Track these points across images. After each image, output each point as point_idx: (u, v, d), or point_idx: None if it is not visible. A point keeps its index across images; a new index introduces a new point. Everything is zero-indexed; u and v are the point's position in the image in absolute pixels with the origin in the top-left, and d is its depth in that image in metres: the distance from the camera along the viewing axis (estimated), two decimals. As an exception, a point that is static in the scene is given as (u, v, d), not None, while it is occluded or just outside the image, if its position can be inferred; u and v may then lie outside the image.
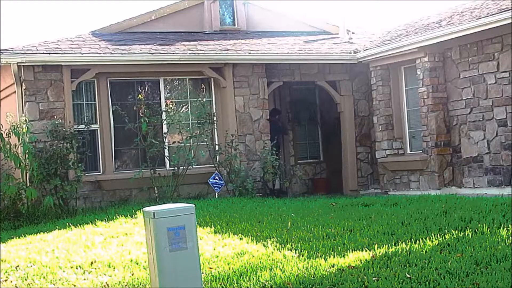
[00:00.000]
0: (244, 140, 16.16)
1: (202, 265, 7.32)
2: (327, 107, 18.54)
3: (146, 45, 16.05)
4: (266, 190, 16.20)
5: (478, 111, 14.30)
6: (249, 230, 9.77)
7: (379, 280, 6.67)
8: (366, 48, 17.12)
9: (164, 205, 6.67)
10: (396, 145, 16.58)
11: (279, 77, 16.97)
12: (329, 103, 18.17)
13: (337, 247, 8.23)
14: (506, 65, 13.66)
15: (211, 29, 18.31)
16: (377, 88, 16.80)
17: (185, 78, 16.17)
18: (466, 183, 14.63)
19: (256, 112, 16.36)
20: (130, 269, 7.93)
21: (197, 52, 15.96)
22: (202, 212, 11.50)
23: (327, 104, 18.38)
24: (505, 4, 13.83)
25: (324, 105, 18.86)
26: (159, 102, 15.68)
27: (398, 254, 7.55)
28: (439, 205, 10.25)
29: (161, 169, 15.22)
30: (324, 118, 19.12)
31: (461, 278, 6.48)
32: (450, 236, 8.17)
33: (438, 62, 15.17)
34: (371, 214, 10.29)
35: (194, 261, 6.18)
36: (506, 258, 6.92)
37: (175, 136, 15.69)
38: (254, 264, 7.68)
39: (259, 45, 17.21)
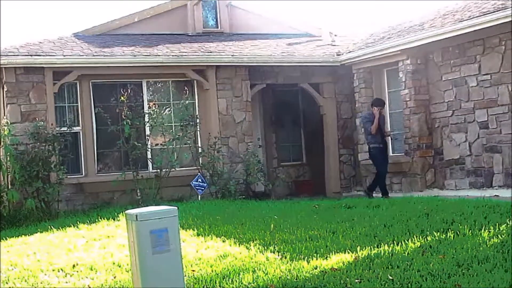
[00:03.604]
0: (227, 143, 16.16)
1: (185, 267, 7.30)
2: (310, 109, 18.56)
3: (129, 47, 16.01)
4: (249, 193, 16.19)
5: (460, 113, 14.38)
6: (232, 233, 9.76)
7: (362, 282, 6.68)
8: (349, 51, 17.17)
9: (147, 208, 6.65)
10: (378, 147, 16.60)
11: (262, 79, 16.98)
12: (312, 106, 18.20)
13: (320, 249, 8.23)
14: (487, 68, 13.75)
15: (194, 31, 18.29)
16: (360, 91, 16.86)
17: (168, 80, 16.14)
18: (448, 185, 14.70)
19: (239, 114, 16.35)
20: (113, 272, 7.90)
21: (180, 54, 15.94)
22: (185, 214, 11.47)
23: (310, 106, 18.40)
24: (486, 7, 13.92)
25: (307, 108, 18.89)
26: (142, 104, 15.63)
27: (380, 256, 7.57)
28: (421, 207, 10.28)
29: (144, 171, 15.18)
30: (307, 121, 19.14)
31: (443, 280, 6.50)
32: (432, 238, 8.20)
33: (421, 65, 15.24)
34: (354, 216, 10.31)
35: (177, 264, 6.17)
36: (488, 259, 6.96)
37: (158, 138, 15.66)
38: (237, 267, 7.67)
39: (242, 48, 17.22)
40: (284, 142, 19.15)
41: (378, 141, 14.11)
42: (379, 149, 14.14)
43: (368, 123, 14.19)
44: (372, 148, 14.23)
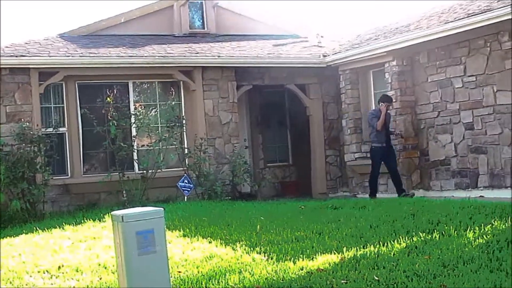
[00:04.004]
0: (214, 144, 16.15)
1: (171, 268, 7.29)
2: (297, 110, 18.58)
3: (115, 48, 15.97)
4: (235, 193, 16.20)
5: (446, 114, 14.44)
6: (218, 234, 9.75)
7: (348, 282, 6.69)
8: (335, 52, 17.21)
9: (133, 209, 6.63)
10: (364, 148, 16.66)
11: (248, 80, 16.99)
12: (298, 107, 18.22)
13: (306, 250, 8.24)
14: (473, 69, 13.82)
15: (181, 32, 18.27)
16: (346, 92, 16.89)
17: (154, 81, 16.12)
18: (433, 186, 14.76)
19: (225, 115, 16.35)
20: (98, 273, 7.88)
21: (166, 55, 15.92)
22: (171, 215, 11.45)
23: (297, 107, 18.43)
24: (472, 9, 13.99)
25: (294, 109, 18.91)
26: (128, 105, 15.60)
27: (366, 256, 7.59)
28: (407, 208, 10.32)
29: (130, 172, 15.15)
30: (293, 122, 19.16)
31: (429, 280, 6.52)
32: (418, 238, 8.23)
33: (406, 66, 15.29)
34: (340, 217, 10.33)
35: (163, 265, 6.16)
36: (473, 260, 6.99)
37: (144, 139, 15.63)
38: (223, 268, 7.67)
39: (229, 49, 17.22)
40: (271, 143, 19.16)
41: (381, 140, 14.04)
42: (380, 149, 14.08)
43: (374, 119, 14.11)
44: (374, 147, 14.23)
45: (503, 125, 13.20)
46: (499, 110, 13.31)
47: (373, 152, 14.28)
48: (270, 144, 19.14)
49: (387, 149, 14.16)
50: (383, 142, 14.07)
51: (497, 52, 13.28)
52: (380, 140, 14.05)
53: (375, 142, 14.14)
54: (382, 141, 14.06)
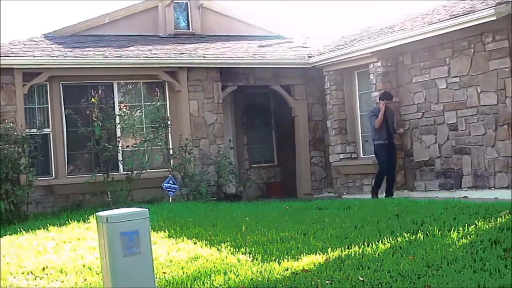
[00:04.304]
0: (199, 144, 16.14)
1: (156, 269, 7.28)
2: (282, 111, 18.61)
3: (100, 49, 15.93)
4: (220, 194, 16.19)
5: (430, 115, 14.49)
6: (203, 235, 9.75)
7: (333, 283, 6.71)
8: (320, 53, 17.24)
9: (118, 210, 6.62)
10: (349, 149, 16.73)
11: (233, 81, 16.99)
12: (283, 107, 18.24)
13: (291, 250, 8.26)
14: (457, 70, 13.88)
15: (166, 32, 18.26)
16: (331, 93, 16.93)
17: (139, 82, 16.10)
18: (418, 186, 14.81)
19: (210, 116, 16.35)
20: (83, 275, 7.85)
21: (151, 56, 15.90)
22: (156, 216, 11.44)
23: (282, 108, 18.45)
24: (456, 10, 14.06)
25: (279, 109, 18.93)
26: (113, 106, 15.57)
27: (351, 257, 7.61)
28: (392, 209, 10.36)
29: (115, 173, 15.10)
30: (279, 122, 19.18)
31: (413, 281, 6.55)
32: (403, 239, 8.26)
33: (391, 67, 15.34)
34: (325, 217, 10.35)
35: (148, 266, 6.15)
36: (457, 260, 7.03)
37: (129, 140, 15.60)
38: (208, 269, 7.67)
39: (214, 49, 17.22)
40: (256, 144, 19.17)
41: (383, 137, 13.99)
42: (382, 146, 14.03)
43: (373, 117, 14.06)
44: (376, 145, 14.16)
45: (487, 126, 13.27)
46: (483, 111, 13.38)
47: (377, 150, 14.21)
48: (255, 144, 19.15)
49: (389, 146, 14.11)
50: (385, 139, 14.01)
51: (481, 53, 13.35)
52: (381, 137, 14.00)
53: (377, 140, 14.09)
54: (384, 138, 14.00)
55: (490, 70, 13.16)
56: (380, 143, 14.05)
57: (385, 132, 14.02)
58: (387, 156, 14.07)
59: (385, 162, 14.07)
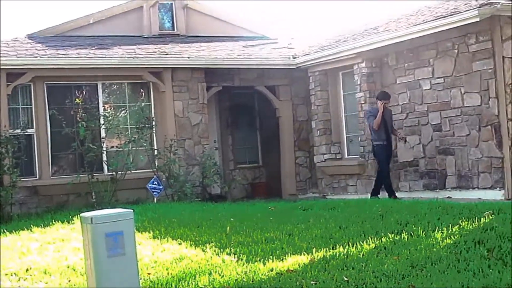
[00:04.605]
0: (183, 145, 16.12)
1: (141, 270, 7.26)
2: (266, 112, 18.62)
3: (84, 49, 15.88)
4: (205, 195, 16.18)
5: (414, 116, 14.55)
6: (188, 235, 9.74)
7: (317, 283, 6.72)
8: (304, 54, 17.26)
9: (102, 211, 6.60)
10: (334, 149, 16.77)
11: (218, 81, 16.98)
12: (268, 108, 18.26)
13: (276, 251, 8.26)
14: (440, 71, 13.94)
15: (150, 33, 18.25)
16: (316, 93, 16.96)
17: (123, 83, 16.05)
18: (402, 187, 14.86)
19: (195, 116, 16.33)
20: (67, 276, 7.82)
21: (136, 56, 15.87)
22: (141, 217, 11.41)
23: (266, 109, 18.47)
24: (440, 11, 14.12)
25: (263, 110, 18.95)
26: (97, 107, 15.53)
27: (336, 257, 7.63)
28: (376, 209, 10.39)
29: (99, 174, 15.05)
30: (263, 123, 19.20)
31: (397, 281, 6.58)
32: (387, 239, 8.28)
33: (375, 68, 15.39)
34: (310, 218, 10.37)
35: (133, 267, 6.14)
36: (441, 260, 7.06)
37: (113, 140, 15.54)
38: (193, 269, 7.66)
39: (199, 50, 17.20)
40: (241, 145, 19.17)
41: (382, 138, 13.66)
42: (382, 147, 13.68)
43: (371, 117, 13.75)
44: (375, 146, 13.81)
45: (471, 127, 13.33)
46: (467, 111, 13.45)
47: (377, 150, 13.85)
48: (240, 145, 19.15)
49: (388, 147, 13.85)
50: (384, 139, 13.68)
51: (465, 54, 13.42)
52: (380, 138, 13.65)
53: (376, 140, 13.74)
54: (383, 139, 13.67)
55: (474, 71, 13.23)
56: (380, 144, 13.72)
57: (383, 133, 13.70)
58: (387, 156, 13.78)
59: (386, 161, 13.76)
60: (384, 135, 13.73)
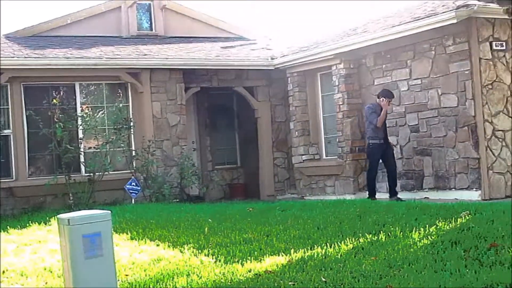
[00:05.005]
0: (161, 146, 16.08)
1: (118, 272, 7.24)
2: (245, 112, 18.63)
3: (62, 49, 15.80)
4: (183, 196, 16.15)
5: (392, 117, 14.60)
6: (166, 236, 9.71)
7: (296, 284, 6.73)
8: (283, 55, 17.28)
9: (80, 212, 6.57)
10: (312, 150, 16.80)
11: (197, 82, 16.97)
12: (246, 109, 18.26)
13: (254, 252, 8.26)
14: (418, 73, 14.02)
15: (129, 33, 18.20)
16: (294, 94, 16.98)
17: (101, 83, 15.98)
18: (380, 187, 14.88)
19: (173, 117, 16.29)
20: (44, 278, 7.77)
21: (114, 56, 15.81)
22: (119, 218, 11.37)
23: (245, 109, 18.47)
24: (417, 13, 14.20)
25: (242, 111, 18.95)
26: (75, 107, 15.44)
27: (314, 258, 7.64)
28: (354, 210, 10.42)
29: (77, 175, 14.98)
30: (242, 124, 19.20)
31: (375, 281, 6.60)
32: (365, 240, 8.31)
33: (353, 69, 15.45)
34: (288, 219, 10.38)
35: (110, 268, 6.12)
36: (418, 260, 7.09)
37: (91, 141, 15.47)
38: (171, 270, 7.64)
39: (177, 51, 17.17)
40: (219, 146, 19.16)
41: (380, 136, 13.38)
42: (378, 146, 13.38)
43: (373, 114, 13.36)
44: (372, 144, 13.47)
45: (448, 128, 13.42)
46: (444, 112, 13.54)
47: (371, 149, 13.53)
48: (218, 146, 19.14)
49: (385, 146, 13.56)
50: (381, 138, 13.42)
51: (442, 56, 13.51)
52: (378, 136, 13.39)
53: (373, 139, 13.43)
54: (381, 138, 13.40)
55: (451, 72, 13.33)
56: (376, 142, 13.39)
57: (382, 131, 13.46)
58: (380, 156, 13.49)
59: (377, 162, 13.49)
60: (382, 134, 13.48)
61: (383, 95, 13.55)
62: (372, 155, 13.62)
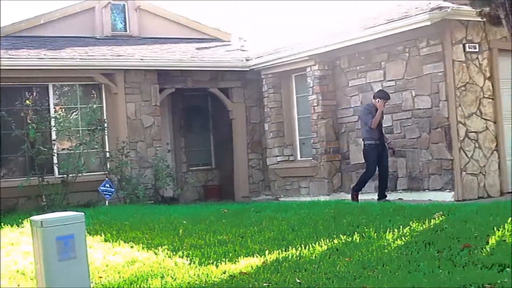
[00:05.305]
0: (136, 147, 16.01)
1: (92, 274, 7.19)
2: (220, 114, 18.62)
3: (35, 50, 15.68)
4: (157, 197, 16.09)
5: (366, 118, 14.65)
6: (140, 238, 9.67)
7: (270, 285, 6.73)
8: (258, 56, 17.29)
9: (53, 214, 6.52)
10: (287, 152, 16.83)
11: (171, 83, 16.92)
12: (221, 110, 18.25)
13: (229, 253, 8.25)
14: (392, 74, 14.10)
15: (103, 34, 18.12)
16: (269, 96, 17.00)
17: (75, 84, 15.88)
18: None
19: (147, 118, 16.23)
20: (17, 280, 7.70)
21: (88, 57, 15.72)
22: (92, 220, 11.30)
23: (220, 111, 18.46)
24: (392, 14, 14.27)
25: (217, 112, 18.93)
26: (48, 108, 15.34)
27: (288, 259, 7.64)
28: (329, 211, 10.44)
29: (50, 176, 14.88)
30: (217, 125, 19.18)
31: (349, 282, 6.61)
32: (339, 241, 8.33)
33: (328, 71, 15.49)
34: (262, 220, 10.37)
35: (84, 271, 6.08)
36: (392, 261, 7.12)
37: (64, 143, 15.37)
38: (145, 272, 7.61)
39: (151, 51, 17.12)
40: (194, 147, 19.12)
41: (375, 137, 13.15)
42: (374, 146, 13.17)
43: (368, 115, 13.16)
44: (367, 145, 13.24)
45: (421, 129, 13.50)
46: (417, 114, 13.62)
47: (368, 150, 13.27)
48: (193, 147, 19.10)
49: (381, 147, 13.34)
50: (377, 139, 13.20)
51: (416, 57, 13.59)
52: (373, 137, 13.15)
53: (369, 139, 13.22)
54: (376, 138, 13.17)
55: (425, 74, 13.42)
56: (371, 143, 13.18)
57: (377, 132, 13.25)
58: (377, 157, 13.26)
59: (374, 163, 13.27)
60: (377, 134, 13.25)
61: (378, 96, 13.32)
62: (368, 156, 13.35)
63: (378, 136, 13.19)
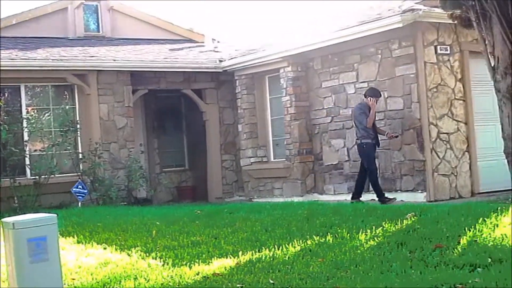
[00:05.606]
0: (109, 148, 15.95)
1: (65, 276, 7.15)
2: (193, 115, 18.59)
3: (6, 50, 15.55)
4: (131, 199, 16.04)
5: (339, 120, 14.74)
6: (113, 239, 9.64)
7: (244, 286, 6.74)
8: (231, 57, 17.30)
9: (25, 215, 6.48)
10: (260, 153, 16.85)
11: (144, 84, 16.87)
12: (195, 111, 18.23)
13: (202, 254, 8.25)
14: (364, 76, 14.17)
15: (75, 35, 18.03)
16: (242, 97, 17.01)
17: (47, 85, 15.78)
18: (327, 189, 15.04)
19: (120, 120, 16.17)
20: (-12, 282, 7.65)
21: (60, 58, 15.63)
22: (65, 221, 11.23)
23: (193, 112, 18.44)
24: (364, 16, 14.34)
25: (190, 113, 18.91)
26: (20, 109, 15.24)
27: (262, 260, 7.66)
28: (302, 212, 10.47)
29: (22, 178, 14.76)
30: (190, 126, 19.16)
31: (322, 282, 6.64)
32: (312, 241, 8.36)
33: (301, 72, 15.54)
34: (236, 221, 10.38)
35: (56, 273, 6.05)
36: (365, 261, 7.17)
37: (37, 144, 15.27)
38: (118, 274, 7.58)
39: (124, 52, 17.07)
40: (167, 148, 19.09)
41: (371, 136, 13.03)
42: (371, 145, 13.06)
43: (362, 114, 12.98)
44: (365, 144, 13.03)
45: (394, 130, 13.57)
46: (390, 115, 13.70)
47: (365, 149, 13.07)
48: (166, 149, 19.07)
49: (377, 145, 13.22)
50: (373, 137, 13.09)
51: (388, 59, 13.67)
52: (370, 136, 13.01)
53: (366, 138, 13.00)
54: (372, 137, 13.06)
55: (397, 75, 13.50)
56: (368, 142, 13.03)
57: (373, 130, 13.12)
58: (375, 155, 13.22)
59: (373, 161, 13.15)
60: (373, 133, 13.14)
61: (370, 94, 13.18)
62: (367, 155, 13.14)
63: (374, 135, 13.12)
